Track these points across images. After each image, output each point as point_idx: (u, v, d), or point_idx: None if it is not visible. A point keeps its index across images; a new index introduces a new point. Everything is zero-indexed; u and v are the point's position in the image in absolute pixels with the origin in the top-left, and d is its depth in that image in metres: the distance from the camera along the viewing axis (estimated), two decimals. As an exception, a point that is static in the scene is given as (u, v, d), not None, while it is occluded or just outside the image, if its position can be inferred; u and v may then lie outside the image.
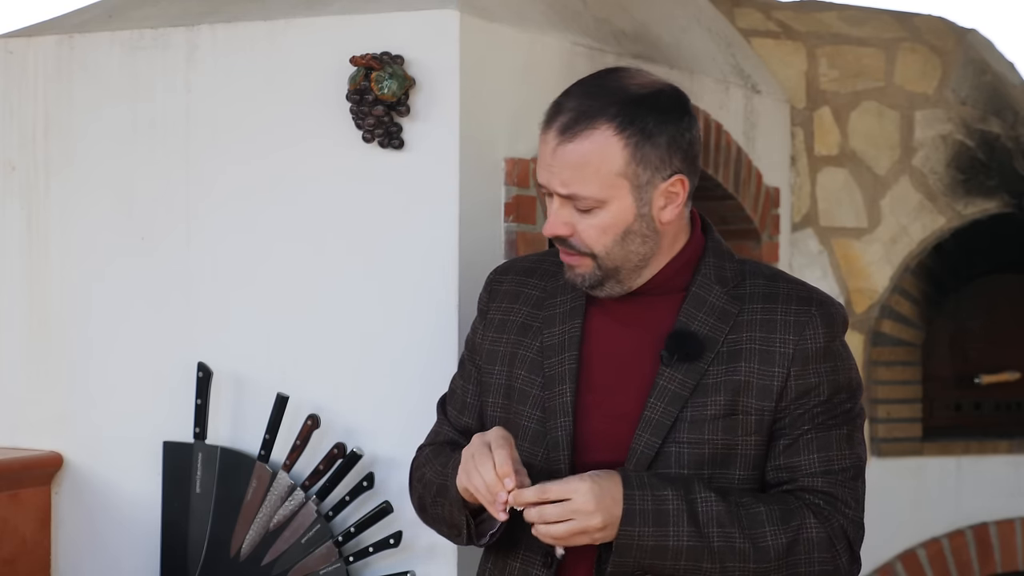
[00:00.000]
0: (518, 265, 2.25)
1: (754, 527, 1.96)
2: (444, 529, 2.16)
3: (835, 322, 2.06)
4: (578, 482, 1.93)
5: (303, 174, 2.82)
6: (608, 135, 1.98)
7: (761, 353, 2.03)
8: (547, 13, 3.13)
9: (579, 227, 2.01)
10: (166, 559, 2.88)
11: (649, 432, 2.01)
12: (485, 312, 2.23)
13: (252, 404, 2.84)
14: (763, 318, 2.04)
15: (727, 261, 2.11)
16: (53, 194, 3.02)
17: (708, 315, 2.05)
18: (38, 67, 3.04)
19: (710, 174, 3.83)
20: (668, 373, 2.02)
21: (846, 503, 2.03)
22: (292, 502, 2.77)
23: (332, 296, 2.80)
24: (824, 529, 2.00)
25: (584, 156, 1.98)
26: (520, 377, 2.12)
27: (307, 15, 2.84)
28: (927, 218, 4.56)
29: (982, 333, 4.73)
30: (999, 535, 4.56)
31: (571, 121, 1.99)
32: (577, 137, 1.98)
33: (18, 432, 3.05)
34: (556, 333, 2.11)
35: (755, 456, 2.03)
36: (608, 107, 1.99)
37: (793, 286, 2.09)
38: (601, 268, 2.03)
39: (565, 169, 1.99)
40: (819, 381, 2.03)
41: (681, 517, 1.94)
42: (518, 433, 2.09)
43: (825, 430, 2.03)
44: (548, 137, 2.00)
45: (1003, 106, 4.60)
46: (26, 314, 3.04)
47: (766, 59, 4.48)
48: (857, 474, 2.05)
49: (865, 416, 2.11)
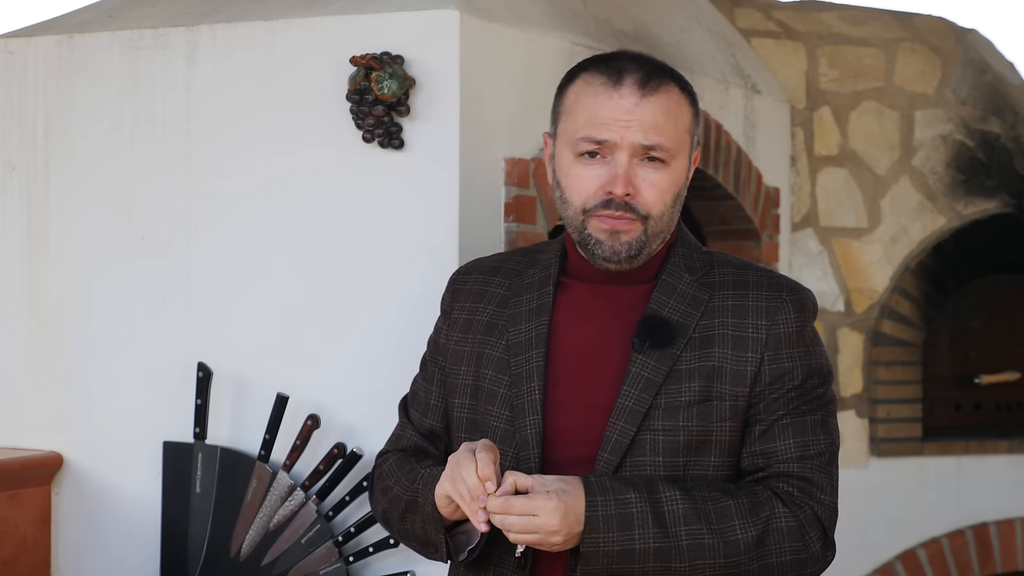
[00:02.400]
0: (482, 264, 2.23)
1: (722, 521, 1.96)
2: (415, 545, 2.13)
3: (806, 307, 2.07)
4: (544, 500, 1.91)
5: (303, 174, 2.82)
6: (677, 92, 2.05)
7: (734, 339, 2.03)
8: (547, 13, 3.13)
9: (643, 186, 2.02)
10: (166, 559, 2.88)
11: (623, 420, 2.00)
12: (449, 312, 2.20)
13: (252, 404, 2.84)
14: (734, 304, 2.05)
15: (695, 252, 2.12)
16: (53, 194, 3.02)
17: (679, 302, 2.05)
18: (38, 67, 3.04)
19: (710, 174, 3.83)
20: (640, 360, 2.02)
21: (821, 488, 2.03)
22: (292, 502, 2.77)
23: (332, 296, 2.80)
24: (795, 517, 1.99)
25: (667, 108, 2.02)
26: (487, 377, 2.10)
27: (307, 15, 2.84)
28: (927, 218, 4.56)
29: (982, 333, 4.73)
30: (999, 535, 4.56)
31: (647, 77, 2.02)
32: (659, 90, 2.02)
33: (18, 432, 3.05)
34: (523, 331, 2.09)
35: (730, 442, 2.03)
36: (665, 72, 2.06)
37: (762, 274, 2.10)
38: (647, 233, 2.04)
39: (649, 119, 2.01)
40: (792, 366, 2.03)
41: (646, 519, 1.93)
42: (487, 433, 2.08)
43: (800, 415, 2.03)
44: (623, 91, 2.01)
45: (1003, 106, 4.60)
46: (26, 314, 3.04)
47: (766, 59, 4.48)
48: (831, 459, 2.06)
49: (837, 401, 2.12)
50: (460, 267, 2.26)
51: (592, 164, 2.02)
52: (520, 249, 2.25)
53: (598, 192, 2.02)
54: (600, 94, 2.02)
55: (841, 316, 4.52)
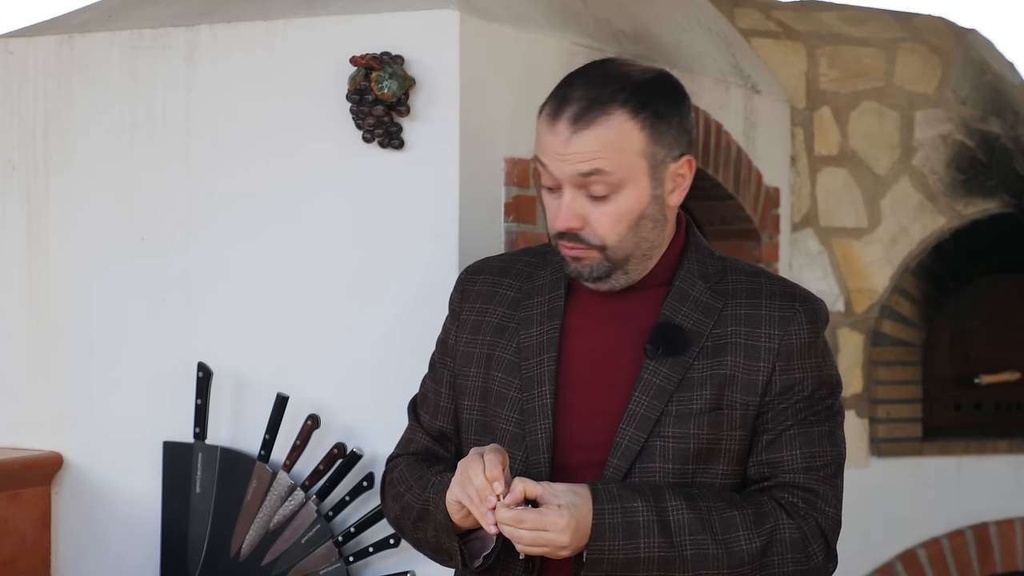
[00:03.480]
0: (491, 264, 2.22)
1: (727, 532, 1.96)
2: (429, 553, 2.13)
3: (818, 318, 2.06)
4: (556, 516, 1.90)
5: (303, 174, 2.82)
6: (623, 119, 1.97)
7: (746, 347, 2.02)
8: (547, 13, 3.13)
9: (592, 217, 1.99)
10: (166, 559, 2.88)
11: (634, 426, 2.00)
12: (458, 313, 2.19)
13: (252, 404, 2.84)
14: (747, 312, 2.04)
15: (708, 258, 2.10)
16: (53, 194, 3.02)
17: (692, 309, 2.04)
18: (38, 67, 3.04)
19: (710, 174, 3.83)
20: (652, 367, 2.01)
21: (826, 500, 2.02)
22: (292, 502, 2.77)
23: (332, 296, 2.80)
24: (798, 529, 1.99)
25: (601, 141, 1.96)
26: (497, 379, 2.09)
27: (307, 15, 2.84)
28: (927, 218, 4.56)
29: (982, 333, 4.73)
30: (999, 535, 4.57)
31: (583, 109, 1.97)
32: (593, 124, 1.96)
33: (18, 432, 3.05)
34: (534, 334, 2.08)
35: (739, 451, 2.03)
36: (618, 93, 1.98)
37: (775, 282, 2.09)
38: (609, 259, 2.01)
39: (582, 156, 1.96)
40: (803, 376, 2.03)
41: (652, 528, 1.93)
42: (496, 436, 2.07)
43: (807, 426, 2.03)
44: (559, 128, 1.97)
45: (1003, 106, 4.60)
46: (26, 314, 3.04)
47: (766, 59, 4.48)
48: (837, 471, 2.05)
49: (844, 413, 2.11)
50: (468, 267, 2.25)
51: (552, 193, 2.03)
52: (529, 249, 2.24)
53: (555, 224, 2.02)
54: (544, 126, 2.01)
55: (841, 316, 4.53)
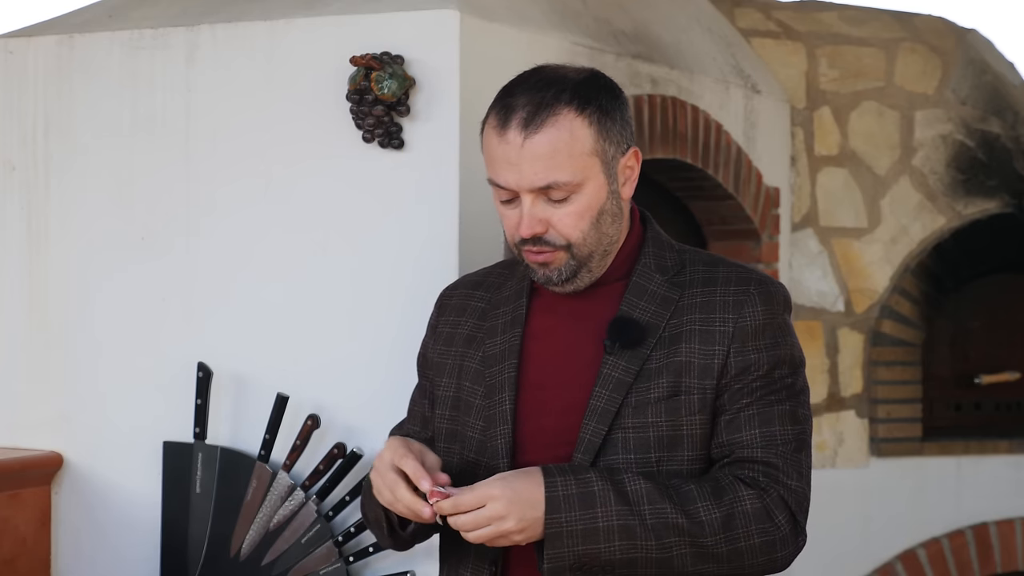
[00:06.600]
0: (466, 280, 2.28)
1: (686, 503, 1.96)
2: (373, 529, 2.19)
3: (774, 299, 2.07)
4: (488, 488, 1.92)
5: (303, 174, 2.82)
6: (571, 117, 2.00)
7: (701, 333, 2.04)
8: (547, 13, 3.13)
9: (554, 219, 2.02)
10: (166, 559, 2.88)
11: (595, 420, 2.02)
12: (435, 327, 2.25)
13: (252, 404, 2.84)
14: (703, 300, 2.06)
15: (667, 251, 2.13)
16: (53, 194, 3.02)
17: (649, 303, 2.06)
18: (38, 67, 3.04)
19: (710, 174, 3.83)
20: (612, 361, 2.04)
21: (787, 473, 2.02)
22: (292, 502, 2.77)
23: (332, 296, 2.80)
24: (759, 499, 1.99)
25: (554, 142, 1.99)
26: (465, 388, 2.14)
27: (307, 15, 2.84)
28: (927, 218, 4.56)
29: (982, 333, 4.73)
30: (999, 535, 4.57)
31: (530, 114, 2.00)
32: (543, 126, 1.99)
33: (18, 432, 3.05)
34: (498, 343, 2.13)
35: (701, 436, 2.04)
36: (561, 93, 2.01)
37: (733, 269, 2.10)
38: (576, 258, 2.04)
39: (538, 161, 1.99)
40: (758, 356, 2.03)
41: (608, 496, 1.93)
42: (464, 443, 2.11)
43: (767, 406, 2.03)
44: (509, 136, 2.00)
45: (1003, 106, 4.60)
46: (26, 314, 3.04)
47: (766, 59, 4.48)
48: (799, 447, 2.05)
49: (809, 390, 2.11)
50: (447, 285, 2.31)
51: (509, 204, 2.05)
52: (503, 262, 2.29)
53: (516, 232, 2.05)
54: (493, 138, 2.04)
55: (841, 316, 4.53)
